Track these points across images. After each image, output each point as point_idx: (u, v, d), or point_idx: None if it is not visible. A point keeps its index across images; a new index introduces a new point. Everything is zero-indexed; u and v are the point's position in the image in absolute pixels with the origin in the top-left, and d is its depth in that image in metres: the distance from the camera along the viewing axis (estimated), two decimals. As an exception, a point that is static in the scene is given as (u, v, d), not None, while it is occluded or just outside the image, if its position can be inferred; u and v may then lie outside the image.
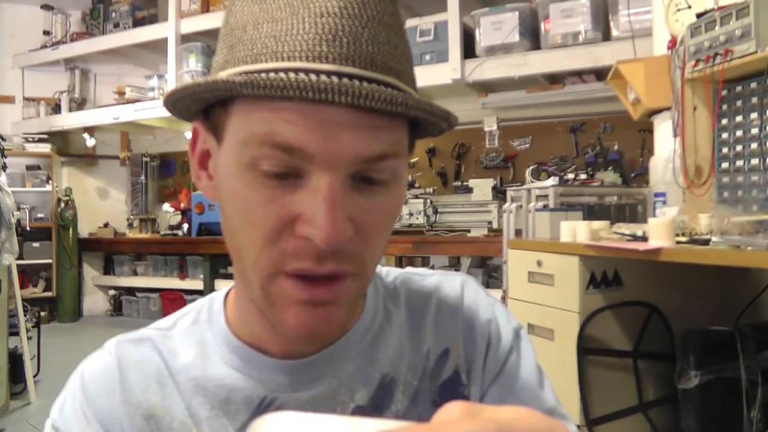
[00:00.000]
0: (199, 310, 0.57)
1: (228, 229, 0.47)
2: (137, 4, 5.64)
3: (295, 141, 0.41)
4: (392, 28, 0.45)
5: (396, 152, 0.45)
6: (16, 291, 3.28)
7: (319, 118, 0.41)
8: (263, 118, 0.42)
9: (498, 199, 4.07)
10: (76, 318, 5.81)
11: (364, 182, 0.44)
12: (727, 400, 1.65)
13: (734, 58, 1.73)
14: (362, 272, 0.46)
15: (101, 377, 0.53)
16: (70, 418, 0.52)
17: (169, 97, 0.46)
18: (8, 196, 2.97)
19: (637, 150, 4.06)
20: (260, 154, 0.42)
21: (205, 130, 0.49)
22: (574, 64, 3.73)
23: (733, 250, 1.39)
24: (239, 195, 0.44)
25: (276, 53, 0.42)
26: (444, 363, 0.56)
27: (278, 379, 0.51)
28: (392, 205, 0.47)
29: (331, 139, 0.41)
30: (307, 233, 0.42)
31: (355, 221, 0.43)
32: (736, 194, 1.83)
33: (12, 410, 3.10)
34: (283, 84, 0.39)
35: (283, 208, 0.43)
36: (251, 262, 0.45)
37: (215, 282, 5.19)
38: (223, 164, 0.46)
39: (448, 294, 0.59)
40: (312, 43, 0.41)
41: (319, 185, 0.42)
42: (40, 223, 5.59)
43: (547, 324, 1.90)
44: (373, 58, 0.42)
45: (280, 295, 0.45)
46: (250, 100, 0.43)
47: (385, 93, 0.40)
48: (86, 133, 5.97)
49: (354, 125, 0.42)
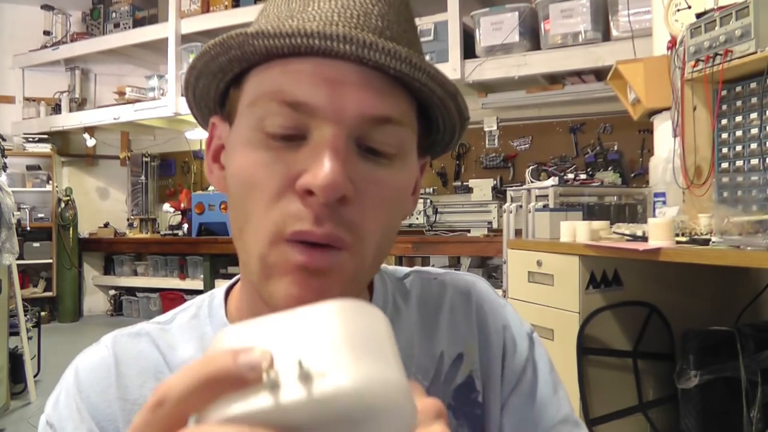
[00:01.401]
0: (199, 305, 0.56)
1: (233, 206, 0.47)
2: (137, 4, 5.64)
3: (301, 96, 0.42)
4: (402, 13, 0.46)
5: (400, 120, 0.45)
6: (17, 291, 3.28)
7: (325, 75, 0.42)
8: (272, 79, 0.44)
9: (498, 199, 4.07)
10: (76, 318, 5.81)
11: (369, 153, 0.44)
12: (726, 400, 1.65)
13: (734, 58, 1.73)
14: (359, 247, 0.44)
15: (96, 372, 0.52)
16: (64, 414, 0.51)
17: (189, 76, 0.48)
18: (8, 196, 2.97)
19: (637, 150, 4.06)
20: (267, 111, 0.43)
21: (221, 122, 0.50)
22: (573, 64, 3.73)
23: (733, 250, 1.39)
24: (244, 160, 0.45)
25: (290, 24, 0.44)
26: (458, 367, 0.55)
27: None
28: (397, 182, 0.46)
29: (336, 95, 0.42)
30: (305, 182, 0.41)
31: (355, 185, 0.43)
32: (736, 194, 1.83)
33: (12, 410, 3.11)
34: (292, 31, 0.41)
35: (287, 166, 0.43)
36: (254, 229, 0.44)
37: (215, 282, 5.18)
38: (232, 140, 0.47)
39: (461, 296, 0.59)
40: (324, 15, 0.43)
41: (322, 138, 0.42)
42: (40, 223, 5.59)
43: (547, 324, 1.90)
44: (382, 31, 0.44)
45: (278, 263, 0.43)
46: (263, 70, 0.44)
47: (389, 45, 0.41)
48: (86, 133, 5.97)
49: (359, 84, 0.43)
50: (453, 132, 0.51)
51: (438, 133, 0.50)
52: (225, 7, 4.97)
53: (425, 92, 0.45)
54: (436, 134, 0.51)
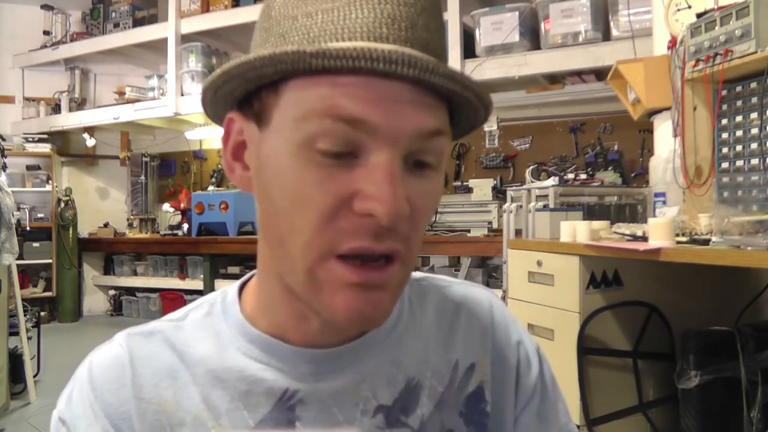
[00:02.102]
0: (212, 302, 0.56)
1: (271, 214, 0.46)
2: (137, 4, 5.64)
3: (358, 113, 0.41)
4: (439, 21, 0.47)
5: (446, 131, 0.46)
6: (16, 291, 3.28)
7: (381, 93, 0.42)
8: (322, 95, 0.42)
9: (498, 199, 4.06)
10: (76, 318, 5.81)
11: (414, 166, 0.45)
12: (727, 400, 1.65)
13: (734, 58, 1.73)
14: (408, 258, 0.46)
15: (111, 370, 0.52)
16: (77, 412, 0.50)
17: (217, 79, 0.45)
18: (8, 196, 2.97)
19: (637, 150, 4.06)
20: (320, 129, 0.42)
21: (243, 119, 0.49)
22: (574, 64, 3.72)
23: (733, 250, 1.39)
24: (291, 175, 0.44)
25: (336, 34, 0.42)
26: (470, 377, 0.57)
27: (300, 368, 0.51)
28: (438, 189, 0.48)
29: (394, 113, 0.42)
30: (369, 208, 0.42)
31: (410, 203, 0.44)
32: (736, 194, 1.82)
33: (12, 410, 3.10)
34: (356, 54, 0.39)
35: (341, 185, 0.43)
36: (302, 245, 0.44)
37: (215, 282, 5.18)
38: (270, 148, 0.46)
39: (477, 308, 0.60)
40: (372, 26, 0.42)
41: (379, 162, 0.42)
42: (40, 223, 5.59)
43: (547, 324, 1.90)
44: (427, 43, 0.44)
45: (329, 279, 0.44)
46: (307, 78, 0.43)
47: (448, 69, 0.42)
48: (86, 133, 5.97)
49: (413, 102, 0.43)
50: (470, 130, 0.52)
51: (456, 128, 0.51)
52: (225, 7, 4.97)
53: (464, 103, 0.46)
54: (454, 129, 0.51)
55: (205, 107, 0.51)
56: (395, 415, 0.52)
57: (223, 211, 5.13)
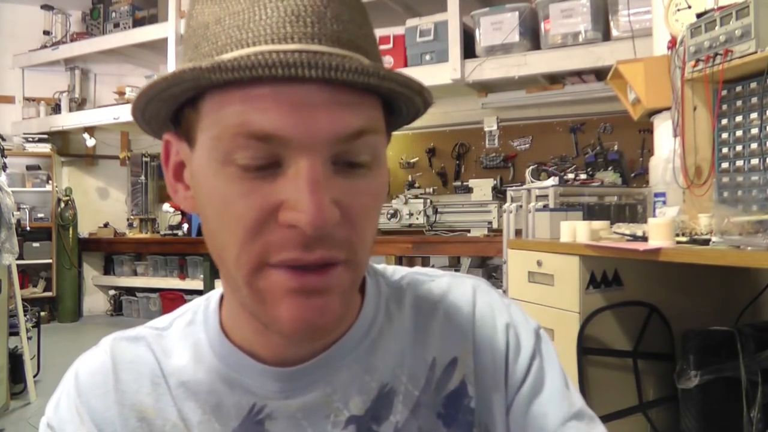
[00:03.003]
0: (195, 310, 0.56)
1: (209, 233, 0.46)
2: (137, 4, 5.64)
3: (270, 128, 0.40)
4: (355, 8, 0.44)
5: (374, 128, 0.44)
6: (16, 291, 3.28)
7: (292, 101, 0.40)
8: (235, 111, 0.41)
9: (498, 199, 4.06)
10: (76, 318, 5.81)
11: (346, 166, 0.43)
12: (727, 400, 1.65)
13: (734, 58, 1.73)
14: (354, 259, 0.44)
15: (95, 376, 0.53)
16: (65, 417, 0.51)
17: (138, 102, 0.44)
18: (8, 196, 2.97)
19: (637, 150, 4.06)
20: (235, 146, 0.41)
21: (177, 140, 0.48)
22: (574, 64, 3.72)
23: (733, 250, 1.39)
24: (217, 192, 0.43)
25: (240, 41, 0.41)
26: (451, 373, 0.54)
27: (268, 386, 0.50)
28: (377, 187, 0.46)
29: (307, 121, 0.40)
30: (292, 219, 0.40)
31: (341, 205, 0.42)
32: (736, 194, 1.83)
33: (12, 410, 3.11)
34: (251, 63, 0.38)
35: (264, 198, 0.41)
36: (233, 260, 0.43)
37: (215, 282, 5.18)
38: (198, 166, 0.45)
39: (458, 300, 0.57)
40: (276, 26, 0.40)
41: (299, 170, 0.41)
42: (40, 223, 5.59)
43: (547, 324, 1.90)
44: (338, 35, 0.42)
45: (269, 289, 0.43)
46: (220, 94, 0.41)
47: (356, 63, 0.39)
48: (86, 133, 5.97)
49: (327, 103, 0.41)
50: (416, 115, 0.50)
51: (400, 115, 0.49)
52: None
53: (392, 93, 0.44)
54: (398, 116, 0.49)
55: (142, 128, 0.50)
56: (367, 425, 0.51)
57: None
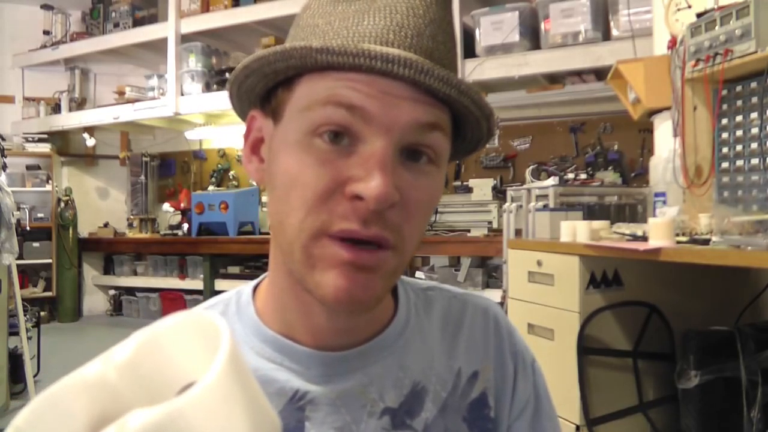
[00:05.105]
0: (226, 302, 0.58)
1: (275, 200, 0.49)
2: (137, 4, 5.64)
3: (357, 101, 0.45)
4: (448, 33, 0.50)
5: (444, 129, 0.48)
6: (16, 291, 3.28)
7: (381, 88, 0.45)
8: (327, 86, 0.46)
9: (498, 199, 4.06)
10: (76, 318, 5.81)
11: (410, 159, 0.47)
12: (727, 400, 1.65)
13: (734, 58, 1.73)
14: (401, 247, 0.48)
15: None
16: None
17: (239, 74, 0.49)
18: (8, 196, 2.97)
19: (637, 150, 4.06)
20: (322, 115, 0.45)
21: (262, 116, 0.53)
22: (574, 64, 3.72)
23: (733, 250, 1.39)
24: (293, 160, 0.47)
25: (347, 38, 0.46)
26: (473, 384, 0.59)
27: (311, 370, 0.52)
28: (434, 187, 0.49)
29: (391, 106, 0.45)
30: (359, 190, 0.44)
31: (400, 192, 0.46)
32: (736, 194, 1.82)
33: (12, 410, 3.10)
34: (356, 52, 0.43)
35: (337, 170, 0.45)
36: (297, 224, 0.46)
37: (215, 282, 5.19)
38: (279, 139, 0.49)
39: (480, 319, 0.62)
40: (380, 32, 0.46)
41: (374, 149, 0.45)
42: (40, 223, 5.59)
43: (547, 324, 1.90)
44: (431, 52, 0.47)
45: (323, 256, 0.46)
46: (316, 74, 0.46)
47: (443, 72, 0.44)
48: (86, 133, 5.97)
49: (411, 98, 0.46)
50: (477, 144, 0.54)
51: (463, 142, 0.54)
52: (225, 7, 4.97)
53: (464, 112, 0.49)
54: (461, 143, 0.54)
55: (232, 103, 0.54)
56: (401, 418, 0.54)
57: (223, 211, 5.12)
